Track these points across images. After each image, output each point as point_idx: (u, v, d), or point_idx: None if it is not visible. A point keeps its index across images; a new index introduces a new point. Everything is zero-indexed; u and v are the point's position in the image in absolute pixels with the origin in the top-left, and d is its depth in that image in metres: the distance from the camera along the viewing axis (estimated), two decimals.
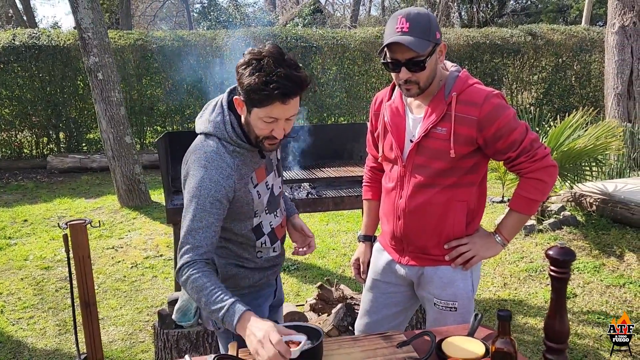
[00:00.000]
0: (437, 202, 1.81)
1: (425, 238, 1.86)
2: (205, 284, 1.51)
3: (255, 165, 1.71)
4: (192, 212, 1.58)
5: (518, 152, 1.75)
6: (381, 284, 2.03)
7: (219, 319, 1.48)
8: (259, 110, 1.55)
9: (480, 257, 1.86)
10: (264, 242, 1.80)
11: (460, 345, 1.63)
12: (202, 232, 1.57)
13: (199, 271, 1.53)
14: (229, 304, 1.46)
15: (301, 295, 4.04)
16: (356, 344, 1.69)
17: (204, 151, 1.64)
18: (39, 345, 3.42)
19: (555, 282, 1.24)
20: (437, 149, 1.77)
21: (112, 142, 6.37)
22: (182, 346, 2.72)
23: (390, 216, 1.92)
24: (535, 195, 1.79)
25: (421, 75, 1.72)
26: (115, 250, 5.12)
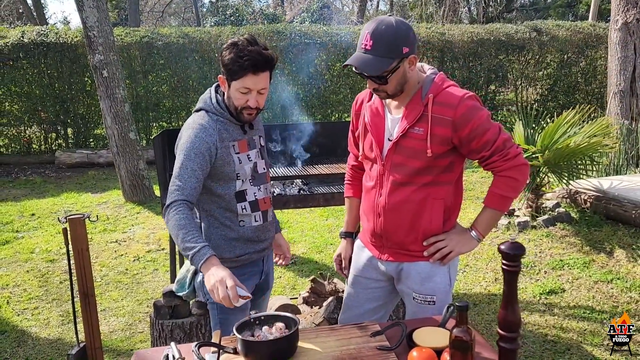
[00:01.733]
0: (415, 199, 1.90)
1: (403, 234, 1.94)
2: (186, 225, 1.80)
3: (238, 137, 2.01)
4: (180, 161, 1.90)
5: (491, 151, 1.83)
6: (362, 280, 2.12)
7: (189, 256, 1.78)
8: (236, 82, 1.90)
9: (457, 252, 1.94)
10: (244, 208, 2.03)
11: (429, 335, 1.72)
12: (187, 176, 1.87)
13: (183, 213, 1.82)
14: (200, 247, 1.76)
15: (297, 289, 4.14)
16: (332, 334, 1.79)
17: (192, 120, 1.98)
18: (43, 335, 3.55)
19: (507, 274, 1.32)
20: (414, 149, 1.86)
21: (117, 138, 6.50)
22: (176, 336, 2.84)
23: (371, 214, 2.00)
24: (507, 192, 1.87)
25: (387, 87, 1.82)
26: (118, 244, 5.25)
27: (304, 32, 10.21)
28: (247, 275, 2.11)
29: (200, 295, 2.17)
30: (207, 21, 20.11)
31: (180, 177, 1.88)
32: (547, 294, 3.69)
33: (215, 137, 1.93)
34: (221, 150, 1.95)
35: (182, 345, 1.79)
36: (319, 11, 19.56)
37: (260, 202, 2.07)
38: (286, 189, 3.20)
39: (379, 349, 1.67)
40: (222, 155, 1.95)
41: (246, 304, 2.08)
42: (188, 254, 1.78)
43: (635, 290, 3.60)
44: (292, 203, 3.06)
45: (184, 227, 1.79)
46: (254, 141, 2.09)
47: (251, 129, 2.08)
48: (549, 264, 4.07)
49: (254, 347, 1.62)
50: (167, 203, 1.87)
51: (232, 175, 1.99)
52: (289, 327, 1.73)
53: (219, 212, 2.03)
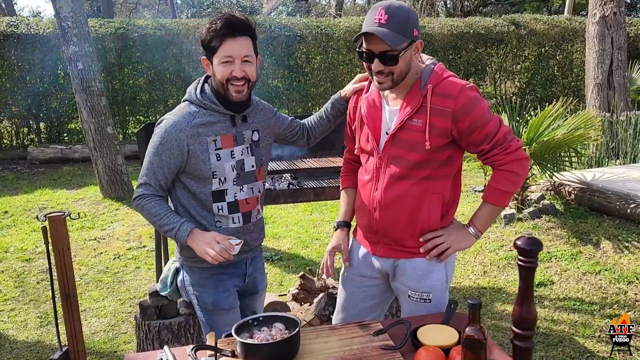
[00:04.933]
0: (413, 194, 1.83)
1: (400, 230, 1.88)
2: (158, 211, 1.83)
3: (222, 131, 1.88)
4: (148, 155, 1.86)
5: (492, 144, 1.78)
6: (357, 279, 2.04)
7: (172, 236, 1.81)
8: (216, 55, 1.80)
9: (455, 248, 1.89)
10: (221, 209, 1.92)
11: (434, 333, 1.67)
12: (152, 173, 1.85)
13: (151, 200, 1.84)
14: (179, 224, 1.80)
15: (284, 285, 4.07)
16: (333, 333, 1.72)
17: (171, 112, 1.91)
18: (20, 338, 3.41)
19: (523, 271, 1.27)
20: (412, 141, 1.79)
21: (94, 133, 6.31)
22: (164, 337, 2.74)
23: (366, 208, 1.93)
24: (508, 187, 1.82)
25: (394, 68, 1.73)
26: (97, 242, 5.09)
27: (284, 24, 10.08)
28: (227, 275, 2.00)
29: (183, 294, 2.09)
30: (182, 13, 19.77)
31: (146, 172, 1.87)
32: (537, 286, 3.69)
33: (187, 133, 1.83)
34: (194, 147, 1.83)
35: (175, 348, 1.70)
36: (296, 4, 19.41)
37: (241, 203, 1.94)
38: (275, 183, 3.12)
39: (384, 349, 1.61)
40: (195, 151, 1.84)
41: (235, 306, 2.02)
42: (170, 236, 1.82)
43: (623, 281, 3.63)
44: (282, 198, 2.98)
45: (157, 214, 1.83)
46: (243, 136, 1.93)
47: (244, 121, 1.93)
48: None
49: (255, 350, 1.54)
50: (134, 196, 1.88)
51: (207, 174, 1.87)
52: (289, 328, 1.66)
53: (195, 210, 1.93)
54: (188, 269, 2.00)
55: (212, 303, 1.98)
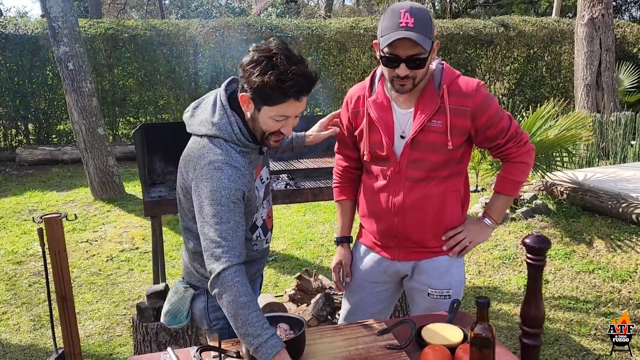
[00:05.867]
0: (435, 195, 1.83)
1: (424, 232, 1.87)
2: (249, 303, 1.46)
3: (257, 162, 1.70)
4: (217, 215, 1.51)
5: (507, 138, 1.83)
6: (368, 285, 2.02)
7: (250, 345, 1.44)
8: (271, 108, 1.53)
9: (476, 242, 1.90)
10: (259, 235, 1.80)
11: (439, 332, 1.67)
12: (233, 232, 1.52)
13: (243, 285, 1.47)
14: (268, 335, 1.43)
15: (279, 286, 4.06)
16: (338, 333, 1.72)
17: (214, 154, 1.57)
18: (14, 341, 3.36)
19: (531, 269, 1.28)
20: (433, 143, 1.78)
21: (85, 134, 6.25)
22: (162, 339, 2.71)
23: (382, 215, 1.89)
24: (520, 177, 1.89)
25: (419, 72, 1.70)
26: (89, 244, 5.04)
27: (275, 25, 10.08)
28: (256, 285, 1.96)
29: (202, 323, 1.82)
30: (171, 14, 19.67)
31: (225, 234, 1.50)
32: None
33: (247, 178, 1.60)
34: (251, 187, 1.64)
35: (179, 350, 1.69)
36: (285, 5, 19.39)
37: (267, 221, 1.83)
38: (272, 184, 3.11)
39: (389, 348, 1.61)
40: (250, 191, 1.64)
41: None
42: (251, 343, 1.44)
43: (616, 279, 3.67)
44: (279, 199, 2.97)
45: (247, 306, 1.44)
46: (266, 156, 1.79)
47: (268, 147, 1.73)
48: None
49: None
50: (220, 270, 1.47)
51: (254, 211, 1.71)
52: (294, 328, 1.65)
53: None
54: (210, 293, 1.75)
55: None
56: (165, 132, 3.22)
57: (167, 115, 9.94)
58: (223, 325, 1.77)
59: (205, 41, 9.57)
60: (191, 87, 9.75)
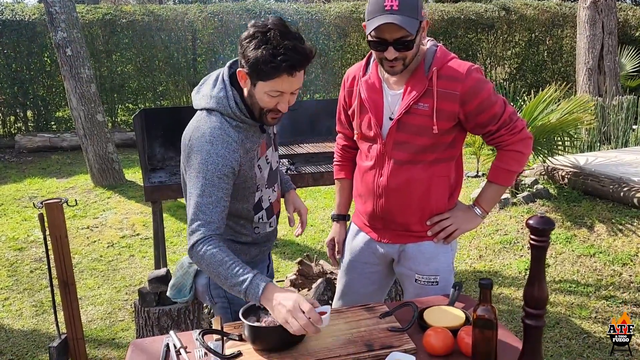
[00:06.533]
0: (420, 178, 1.82)
1: (408, 215, 1.87)
2: (224, 259, 1.51)
3: (259, 139, 1.70)
4: (200, 188, 1.57)
5: (498, 125, 1.77)
6: (358, 265, 2.03)
7: (240, 292, 1.50)
8: (265, 83, 1.54)
9: (462, 230, 1.89)
10: (261, 217, 1.80)
11: (441, 314, 1.67)
12: (213, 207, 1.57)
13: (215, 246, 1.53)
14: (251, 277, 1.48)
15: (280, 272, 4.06)
16: (340, 316, 1.72)
17: (208, 127, 1.60)
18: (16, 327, 3.38)
19: (535, 250, 1.27)
20: (419, 126, 1.76)
21: (84, 120, 6.22)
22: (164, 323, 2.72)
23: (369, 195, 1.90)
24: (513, 167, 1.83)
25: (407, 53, 1.69)
26: (90, 230, 5.04)
27: (274, 9, 9.98)
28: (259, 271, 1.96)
29: (205, 298, 1.88)
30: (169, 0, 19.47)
31: (203, 208, 1.56)
32: None
33: (240, 152, 1.61)
34: (245, 165, 1.64)
35: (181, 333, 1.69)
36: None
37: (274, 204, 1.83)
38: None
39: (391, 330, 1.61)
40: (244, 170, 1.64)
41: None
42: (239, 290, 1.49)
43: (618, 263, 3.67)
44: None
45: (224, 264, 1.51)
46: (270, 136, 1.78)
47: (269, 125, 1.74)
48: None
49: (262, 333, 1.53)
50: (192, 242, 1.55)
51: (252, 189, 1.71)
52: None
53: (236, 223, 1.78)
54: None
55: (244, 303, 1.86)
56: (165, 117, 3.21)
57: (166, 102, 9.89)
58: (224, 303, 1.81)
59: (204, 26, 9.49)
60: (190, 73, 9.68)
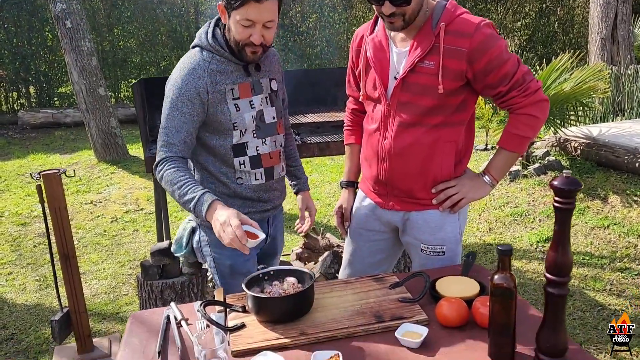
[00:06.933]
0: (424, 142, 1.72)
1: (411, 181, 1.78)
2: (179, 177, 1.59)
3: (239, 79, 1.73)
4: (166, 111, 1.67)
5: (509, 86, 1.65)
6: (364, 232, 1.96)
7: (190, 210, 1.57)
8: (236, 12, 1.60)
9: (469, 199, 1.79)
10: (243, 163, 1.77)
11: (454, 284, 1.59)
12: (175, 130, 1.65)
13: (174, 166, 1.61)
14: (199, 195, 1.55)
15: (286, 246, 3.99)
16: (348, 287, 1.64)
17: (183, 59, 1.72)
18: (19, 301, 3.34)
19: (560, 213, 1.17)
20: (423, 85, 1.66)
21: (85, 95, 6.12)
22: (167, 297, 2.66)
23: (374, 159, 1.82)
24: (526, 132, 1.70)
25: (406, 9, 1.58)
26: (93, 205, 4.99)
27: None
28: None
29: (199, 256, 1.93)
30: None
31: (167, 130, 1.65)
32: (544, 242, 3.63)
33: (206, 80, 1.66)
34: (213, 96, 1.67)
35: (183, 305, 1.62)
36: None
37: (263, 157, 1.79)
38: None
39: (402, 301, 1.53)
40: (214, 101, 1.68)
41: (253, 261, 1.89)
42: (189, 208, 1.57)
43: (632, 234, 3.57)
44: None
45: (178, 181, 1.58)
46: (261, 85, 1.78)
47: (257, 70, 1.77)
48: (543, 212, 4.01)
49: (267, 304, 1.45)
50: (156, 162, 1.65)
51: (227, 125, 1.71)
52: (302, 282, 1.58)
53: (214, 166, 1.77)
54: (206, 228, 1.85)
55: (230, 267, 1.85)
56: None
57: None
58: (210, 262, 1.86)
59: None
60: None
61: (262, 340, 1.37)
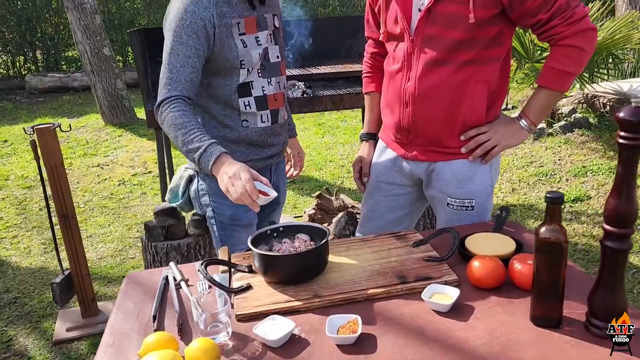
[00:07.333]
0: (453, 83, 1.51)
1: (438, 127, 1.58)
2: (185, 122, 1.44)
3: (244, 12, 1.57)
4: (170, 45, 1.49)
5: (551, 13, 1.41)
6: (384, 186, 1.77)
7: (195, 160, 1.42)
8: None
9: (503, 146, 1.59)
10: (248, 105, 1.61)
11: (486, 242, 1.41)
12: (180, 65, 1.48)
13: (180, 110, 1.45)
14: (206, 145, 1.40)
15: (298, 208, 3.85)
16: (366, 245, 1.47)
17: None
18: (24, 264, 3.24)
19: (626, 151, 0.97)
20: (452, 15, 1.44)
21: (90, 55, 5.93)
22: (172, 259, 2.52)
23: (396, 104, 1.62)
24: (570, 67, 1.47)
25: None
26: (100, 168, 4.86)
27: None
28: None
29: (196, 206, 1.79)
30: None
31: (170, 66, 1.48)
32: (572, 202, 3.42)
33: (213, 12, 1.49)
34: (220, 30, 1.51)
35: (183, 265, 1.46)
36: None
37: (269, 98, 1.65)
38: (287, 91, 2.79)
39: (427, 260, 1.36)
40: (221, 36, 1.52)
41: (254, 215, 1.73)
42: (194, 158, 1.42)
43: None
44: (295, 107, 2.66)
45: (183, 126, 1.43)
46: (266, 20, 1.62)
47: (262, 4, 1.60)
48: (570, 172, 3.79)
49: (276, 262, 1.28)
50: (158, 101, 1.48)
51: (234, 63, 1.55)
52: (315, 240, 1.40)
53: (217, 108, 1.61)
54: (205, 176, 1.71)
55: (230, 217, 1.71)
56: None
57: None
58: (209, 212, 1.72)
59: None
60: None
61: (270, 303, 1.21)
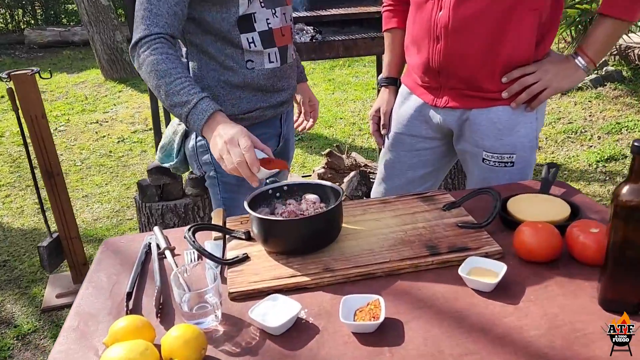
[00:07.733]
0: (495, 11, 1.24)
1: (475, 67, 1.31)
2: (170, 69, 1.17)
3: None
4: None
5: None
6: (407, 139, 1.52)
7: (181, 116, 1.17)
8: None
9: (554, 90, 1.32)
10: (252, 41, 1.32)
11: (534, 205, 1.16)
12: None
13: (162, 52, 1.18)
14: (196, 99, 1.15)
15: (307, 167, 3.61)
16: (386, 208, 1.23)
17: None
18: (15, 225, 3.05)
19: None
20: None
21: (87, 4, 5.60)
22: (169, 221, 2.31)
23: (424, 39, 1.35)
24: None
25: None
26: (99, 125, 4.62)
27: None
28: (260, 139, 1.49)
29: (194, 166, 1.52)
30: None
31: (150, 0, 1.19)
32: (606, 161, 3.15)
33: None
34: None
35: (171, 230, 1.23)
36: None
37: (276, 33, 1.37)
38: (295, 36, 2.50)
39: (462, 227, 1.11)
40: None
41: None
42: (180, 113, 1.17)
43: None
44: (304, 53, 2.38)
45: (167, 74, 1.16)
46: None
47: None
48: (602, 128, 3.49)
49: (279, 228, 1.05)
50: (134, 40, 1.21)
51: None
52: (326, 201, 1.16)
53: (215, 47, 1.32)
54: None
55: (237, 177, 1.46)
56: None
57: None
58: (211, 172, 1.45)
59: None
60: None
61: (270, 279, 0.98)
